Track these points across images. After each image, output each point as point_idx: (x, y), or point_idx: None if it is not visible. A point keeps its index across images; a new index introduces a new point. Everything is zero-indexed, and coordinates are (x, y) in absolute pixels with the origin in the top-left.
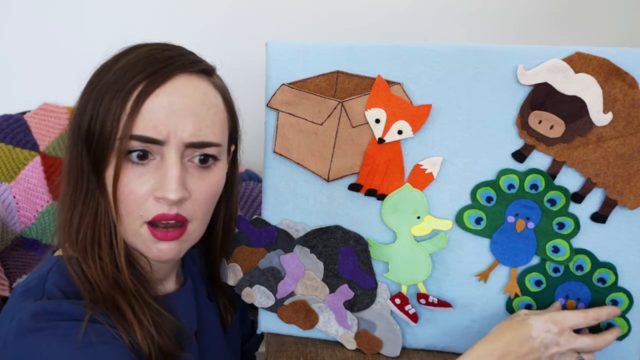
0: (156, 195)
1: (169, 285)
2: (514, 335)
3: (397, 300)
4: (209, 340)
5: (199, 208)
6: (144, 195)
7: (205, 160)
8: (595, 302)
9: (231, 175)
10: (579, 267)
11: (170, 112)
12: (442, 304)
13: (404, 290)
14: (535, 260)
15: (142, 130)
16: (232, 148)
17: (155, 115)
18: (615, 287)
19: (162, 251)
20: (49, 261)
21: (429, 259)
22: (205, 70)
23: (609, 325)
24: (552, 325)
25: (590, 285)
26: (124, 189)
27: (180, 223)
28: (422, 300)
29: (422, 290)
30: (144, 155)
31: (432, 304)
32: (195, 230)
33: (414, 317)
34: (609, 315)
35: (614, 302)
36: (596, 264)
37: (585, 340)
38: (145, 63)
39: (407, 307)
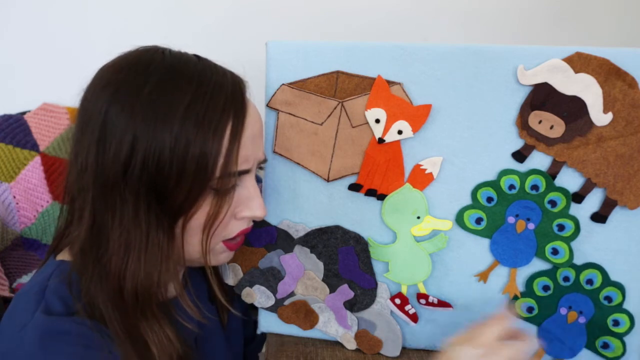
0: (244, 216)
1: (172, 289)
2: None
3: (397, 300)
4: (210, 343)
5: None
6: (227, 219)
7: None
8: (597, 318)
9: None
10: (589, 282)
11: (253, 141)
12: (442, 304)
13: (403, 290)
14: (546, 266)
15: (240, 166)
16: None
17: (246, 148)
18: (619, 308)
19: (227, 256)
20: (51, 265)
21: (429, 259)
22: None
23: (604, 345)
24: (480, 349)
25: (595, 301)
26: (209, 217)
27: None
28: (422, 301)
29: (422, 290)
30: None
31: (432, 304)
32: None
33: (414, 317)
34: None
35: (615, 323)
36: (606, 281)
37: (517, 348)
38: (225, 97)
39: (407, 307)
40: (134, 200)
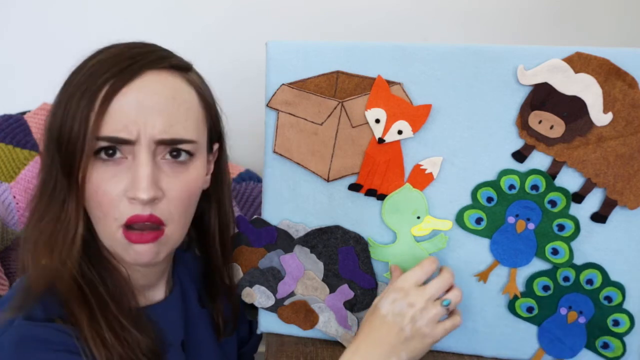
0: (128, 196)
1: (157, 294)
2: (370, 329)
3: None
4: (198, 348)
5: (175, 208)
6: (118, 196)
7: (177, 155)
8: (597, 318)
9: (219, 174)
10: (589, 282)
11: (139, 109)
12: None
13: None
14: (546, 266)
15: (112, 131)
16: (216, 146)
17: (124, 114)
18: (619, 308)
19: (140, 254)
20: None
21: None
22: (177, 66)
23: (604, 345)
24: (394, 293)
25: (595, 301)
26: (98, 190)
27: (155, 225)
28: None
29: None
30: (113, 154)
31: None
32: (173, 233)
33: None
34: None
35: (615, 323)
36: (606, 281)
37: (435, 285)
38: (112, 62)
39: None
40: (45, 157)
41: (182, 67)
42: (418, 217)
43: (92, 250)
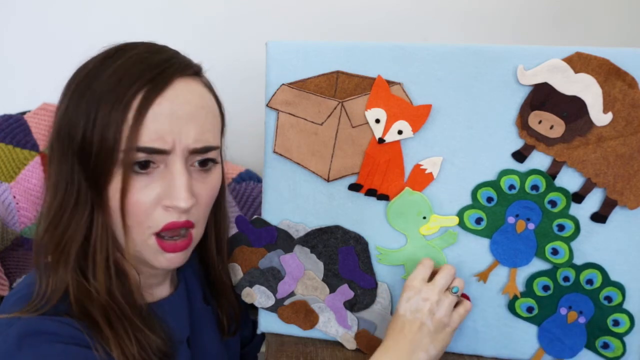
0: (165, 204)
1: (163, 291)
2: (393, 330)
3: None
4: (203, 345)
5: (203, 212)
6: (152, 205)
7: (205, 163)
8: (597, 318)
9: None
10: (589, 282)
11: (174, 119)
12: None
13: None
14: (546, 266)
15: (148, 142)
16: None
17: (159, 124)
18: (619, 308)
19: (171, 260)
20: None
21: (443, 254)
22: (197, 72)
23: (604, 345)
24: (407, 292)
25: (595, 301)
26: (131, 199)
27: (186, 230)
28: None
29: None
30: (146, 164)
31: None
32: (197, 235)
33: None
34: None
35: (615, 323)
36: (606, 281)
37: (442, 276)
38: (141, 69)
39: None
40: (63, 163)
41: (199, 72)
42: (424, 217)
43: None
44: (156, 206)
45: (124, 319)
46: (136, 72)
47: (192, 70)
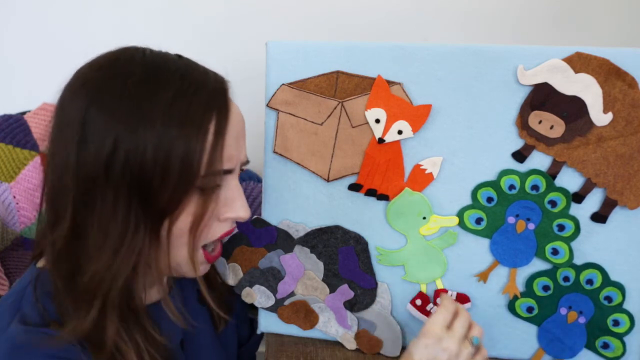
0: (227, 217)
1: (157, 293)
2: None
3: (418, 302)
4: (198, 347)
5: None
6: (211, 220)
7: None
8: (597, 318)
9: None
10: (589, 282)
11: (237, 140)
12: (461, 298)
13: (423, 289)
14: (546, 266)
15: (222, 165)
16: None
17: (228, 147)
18: (619, 308)
19: (206, 268)
20: (30, 273)
21: (443, 254)
22: None
23: (604, 345)
24: (426, 338)
25: (595, 301)
26: (194, 219)
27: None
28: (440, 300)
29: (440, 286)
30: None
31: None
32: None
33: None
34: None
35: (615, 323)
36: (606, 281)
37: (461, 325)
38: (207, 95)
39: (428, 307)
40: (114, 198)
41: None
42: (424, 218)
43: None
44: (214, 220)
45: (129, 336)
46: (204, 98)
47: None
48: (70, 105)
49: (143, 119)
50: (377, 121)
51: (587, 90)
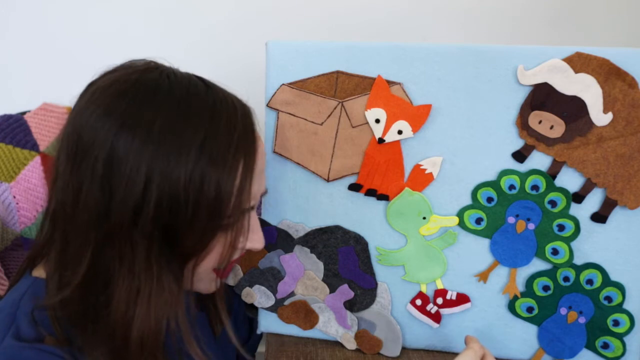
0: (244, 247)
1: None
2: None
3: (418, 302)
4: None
5: None
6: (227, 251)
7: None
8: (597, 318)
9: None
10: (589, 282)
11: (260, 176)
12: (461, 298)
13: (423, 289)
14: (546, 266)
15: (249, 201)
16: None
17: (255, 185)
18: (619, 308)
19: (218, 284)
20: (25, 282)
21: (443, 254)
22: None
23: (604, 346)
24: None
25: (596, 301)
26: (214, 254)
27: None
28: (440, 300)
29: (440, 286)
30: None
31: (450, 302)
32: None
33: (437, 317)
34: None
35: (615, 323)
36: (606, 281)
37: None
38: (239, 132)
39: (428, 307)
40: (147, 244)
41: None
42: (424, 218)
43: None
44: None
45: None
46: (235, 137)
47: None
48: (93, 134)
49: (175, 158)
50: (377, 121)
51: (587, 90)
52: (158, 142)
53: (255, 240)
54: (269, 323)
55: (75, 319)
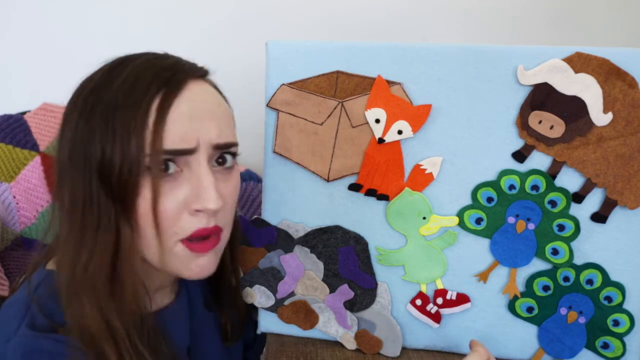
0: (194, 208)
1: (164, 299)
2: None
3: (418, 302)
4: (204, 353)
5: (229, 214)
6: (179, 211)
7: (223, 161)
8: (597, 318)
9: None
10: (589, 282)
11: (194, 119)
12: (461, 298)
13: (423, 289)
14: (546, 266)
15: (172, 144)
16: None
17: (180, 126)
18: (619, 308)
19: (203, 267)
20: (39, 275)
21: (443, 254)
22: (205, 74)
23: (604, 346)
24: None
25: (596, 301)
26: (161, 206)
27: (216, 236)
28: (440, 300)
29: (440, 286)
30: (167, 168)
31: (450, 302)
32: (225, 238)
33: (437, 317)
34: None
35: (615, 323)
36: (606, 281)
37: None
38: (153, 72)
39: (428, 307)
40: (83, 182)
41: (207, 75)
42: (424, 218)
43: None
44: (183, 211)
45: (131, 344)
46: (149, 76)
47: (201, 72)
48: (66, 119)
49: (96, 107)
50: (377, 121)
51: (587, 90)
52: (89, 93)
53: (203, 197)
54: (269, 323)
55: (68, 279)
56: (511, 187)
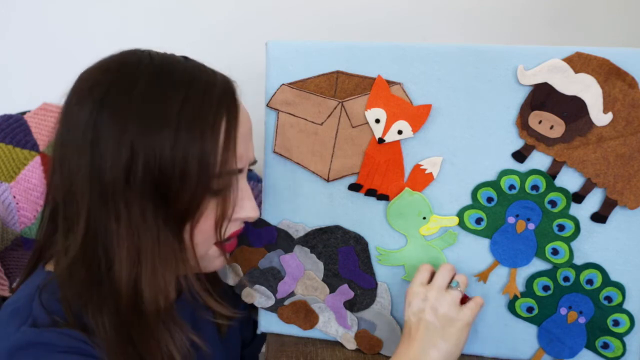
0: (237, 217)
1: (170, 294)
2: (402, 336)
3: None
4: (204, 351)
5: None
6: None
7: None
8: (597, 318)
9: None
10: (589, 282)
11: (245, 140)
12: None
13: None
14: (546, 266)
15: (234, 164)
16: None
17: (240, 147)
18: (619, 308)
19: (222, 260)
20: (39, 276)
21: (443, 254)
22: None
23: (604, 346)
24: (408, 298)
25: (595, 301)
26: (208, 221)
27: None
28: None
29: None
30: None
31: None
32: None
33: None
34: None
35: (615, 323)
36: (606, 281)
37: (440, 276)
38: (218, 93)
39: None
40: (140, 204)
41: None
42: (424, 218)
43: None
44: (224, 221)
45: (173, 320)
46: (214, 97)
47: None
48: (79, 109)
49: (157, 122)
50: (377, 121)
51: (587, 90)
52: (139, 109)
53: (247, 208)
54: (269, 323)
55: (82, 290)
56: (511, 187)
